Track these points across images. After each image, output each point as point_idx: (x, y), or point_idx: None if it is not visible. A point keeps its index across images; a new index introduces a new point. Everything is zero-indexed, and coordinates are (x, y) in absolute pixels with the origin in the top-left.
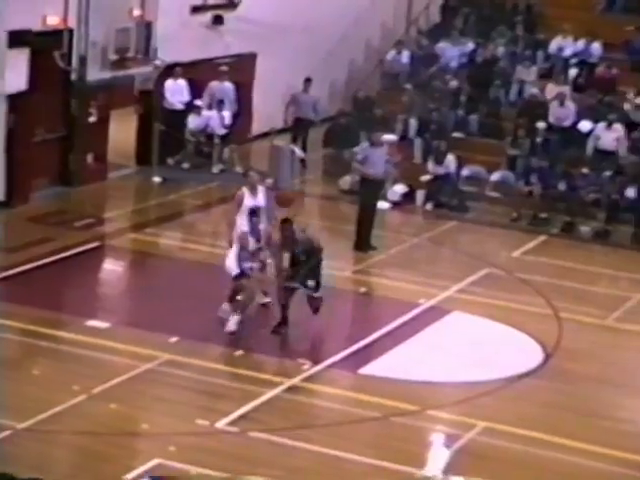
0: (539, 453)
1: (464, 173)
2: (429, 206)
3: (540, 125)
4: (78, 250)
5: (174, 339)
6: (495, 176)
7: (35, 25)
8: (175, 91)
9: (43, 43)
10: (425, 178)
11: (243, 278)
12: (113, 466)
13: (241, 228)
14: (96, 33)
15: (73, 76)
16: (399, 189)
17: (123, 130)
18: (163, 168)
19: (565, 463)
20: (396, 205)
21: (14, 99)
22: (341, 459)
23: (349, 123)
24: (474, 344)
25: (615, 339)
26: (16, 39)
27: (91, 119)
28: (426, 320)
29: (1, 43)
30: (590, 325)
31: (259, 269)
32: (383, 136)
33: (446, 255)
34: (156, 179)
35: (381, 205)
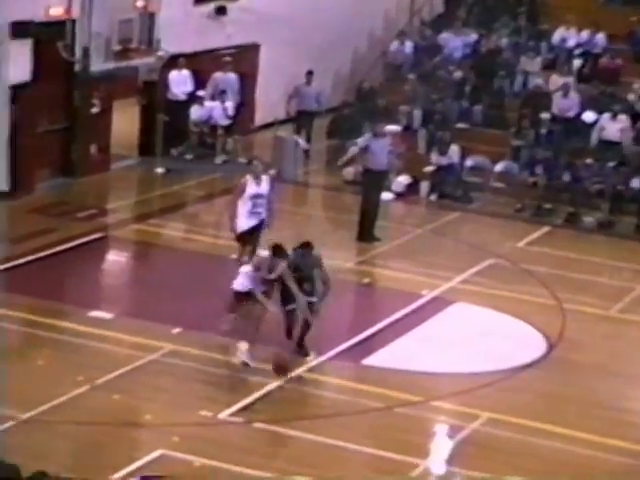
0: (543, 443)
1: (468, 164)
2: (433, 197)
3: (544, 116)
4: (81, 241)
5: (177, 330)
6: (499, 167)
7: (38, 16)
8: (179, 82)
9: (46, 34)
10: (429, 169)
11: (250, 299)
12: (116, 457)
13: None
14: (99, 24)
15: (76, 67)
16: (403, 180)
17: (126, 121)
18: (166, 159)
19: (569, 453)
20: (400, 196)
21: (17, 90)
22: (344, 449)
23: (353, 114)
24: (477, 335)
25: (618, 330)
26: (19, 30)
27: (94, 110)
28: (429, 311)
29: (4, 34)
30: (593, 316)
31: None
32: (386, 127)
33: (449, 246)
34: (159, 170)
35: (385, 196)
